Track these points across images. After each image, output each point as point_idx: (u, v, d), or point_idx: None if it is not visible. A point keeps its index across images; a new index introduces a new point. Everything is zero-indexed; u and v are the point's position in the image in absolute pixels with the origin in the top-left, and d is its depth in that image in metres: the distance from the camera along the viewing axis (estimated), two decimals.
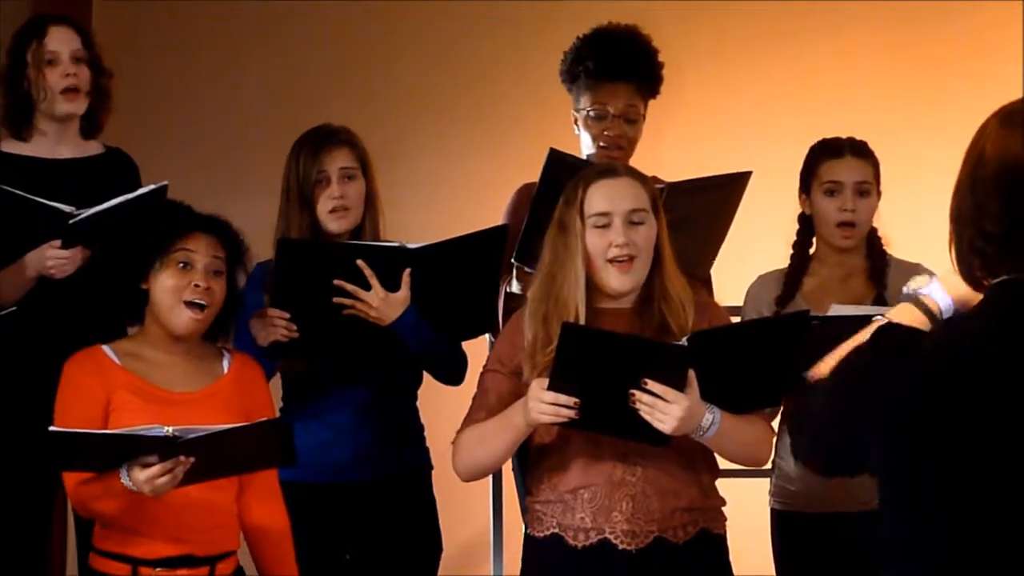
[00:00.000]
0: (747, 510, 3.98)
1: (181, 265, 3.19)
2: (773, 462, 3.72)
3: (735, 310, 3.91)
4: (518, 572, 3.28)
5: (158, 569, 3.12)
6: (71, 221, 3.43)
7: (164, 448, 2.95)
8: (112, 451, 2.98)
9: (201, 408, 3.17)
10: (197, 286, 3.17)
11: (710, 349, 3.04)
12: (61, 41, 3.69)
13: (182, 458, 2.96)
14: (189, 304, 3.18)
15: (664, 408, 2.97)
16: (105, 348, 3.22)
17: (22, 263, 3.51)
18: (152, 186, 3.49)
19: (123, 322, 3.40)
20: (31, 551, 3.74)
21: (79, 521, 3.56)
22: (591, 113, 3.87)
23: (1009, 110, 2.02)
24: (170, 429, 2.93)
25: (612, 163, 3.46)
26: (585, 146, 3.90)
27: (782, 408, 3.68)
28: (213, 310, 3.22)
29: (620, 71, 3.86)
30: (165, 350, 3.23)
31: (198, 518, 3.14)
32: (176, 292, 3.18)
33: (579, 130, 3.91)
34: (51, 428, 2.97)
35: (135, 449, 2.96)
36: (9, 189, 3.43)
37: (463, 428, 3.23)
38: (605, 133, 3.85)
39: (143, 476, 2.96)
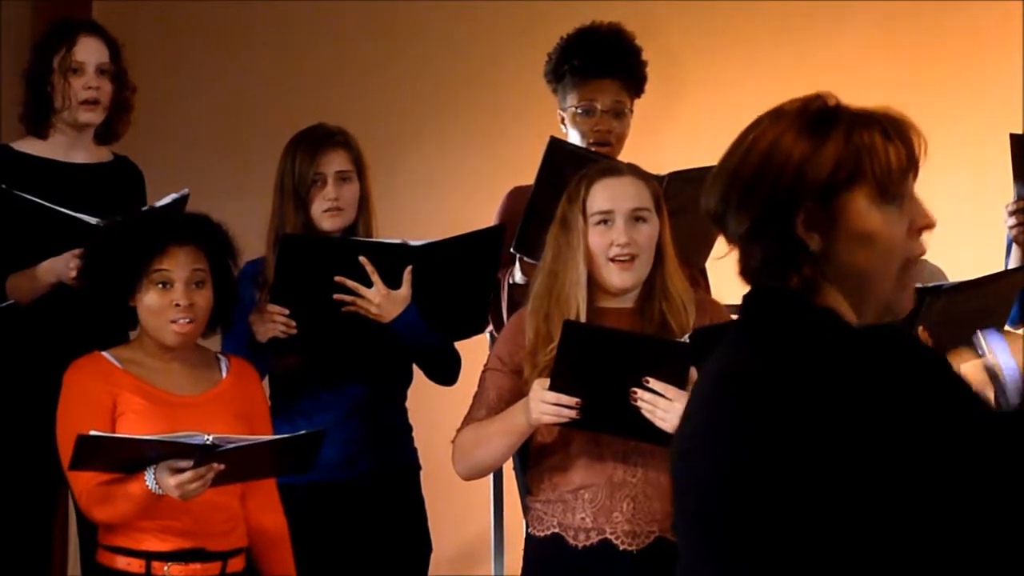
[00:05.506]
0: None
1: (160, 285, 3.16)
2: None
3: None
4: (519, 572, 3.27)
5: (171, 563, 3.10)
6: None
7: (201, 455, 2.94)
8: (147, 456, 2.97)
9: (204, 412, 3.17)
10: (178, 305, 3.15)
11: (713, 345, 3.01)
12: (89, 52, 3.68)
13: (215, 465, 2.96)
14: (173, 321, 3.17)
15: (666, 406, 2.96)
16: (105, 354, 3.21)
17: (41, 269, 3.49)
18: (175, 195, 3.48)
19: (117, 335, 3.39)
20: (34, 550, 3.72)
21: (82, 517, 3.55)
22: (579, 110, 3.86)
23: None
24: (210, 437, 2.93)
25: (615, 161, 3.45)
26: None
27: None
28: (201, 320, 3.21)
29: (606, 67, 3.86)
30: (162, 358, 3.22)
31: (208, 514, 3.13)
32: (160, 313, 3.16)
33: (567, 128, 3.91)
34: (92, 433, 2.93)
35: (169, 454, 2.95)
36: (37, 200, 3.44)
37: (463, 427, 3.22)
38: (594, 129, 3.85)
39: (174, 481, 2.96)
